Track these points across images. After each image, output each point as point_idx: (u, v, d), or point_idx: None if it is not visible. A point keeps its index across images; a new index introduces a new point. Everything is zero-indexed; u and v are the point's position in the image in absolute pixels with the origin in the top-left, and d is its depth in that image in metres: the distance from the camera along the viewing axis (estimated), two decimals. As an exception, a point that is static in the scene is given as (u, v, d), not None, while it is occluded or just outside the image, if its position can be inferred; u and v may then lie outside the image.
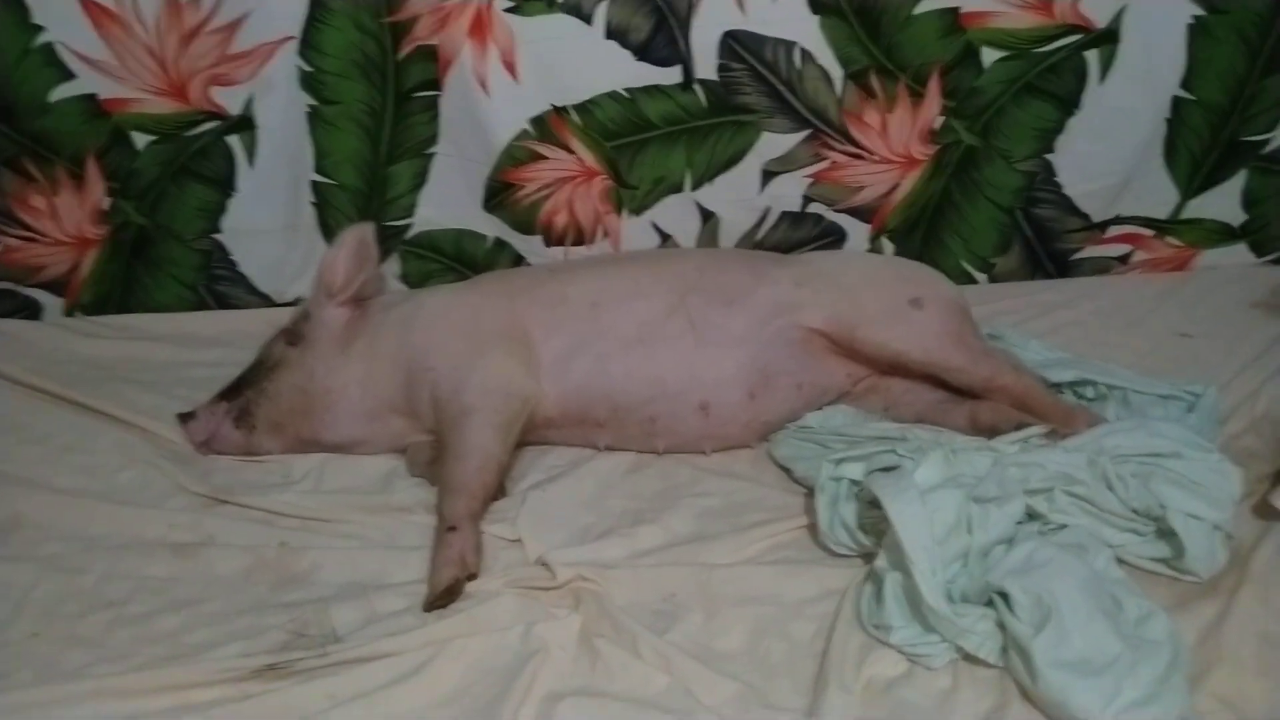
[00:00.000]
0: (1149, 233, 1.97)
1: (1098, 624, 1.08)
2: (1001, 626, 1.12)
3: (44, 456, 1.60)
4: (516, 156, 1.89)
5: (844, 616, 1.20)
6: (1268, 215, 1.95)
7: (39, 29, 1.78)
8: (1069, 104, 1.86)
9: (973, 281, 2.00)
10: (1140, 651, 1.07)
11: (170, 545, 1.42)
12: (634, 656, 1.18)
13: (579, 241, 1.97)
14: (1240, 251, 1.99)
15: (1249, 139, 1.89)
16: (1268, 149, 1.90)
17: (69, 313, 2.02)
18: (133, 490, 1.53)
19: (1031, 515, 1.25)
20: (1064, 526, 1.24)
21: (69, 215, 1.94)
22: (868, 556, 1.28)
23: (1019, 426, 1.42)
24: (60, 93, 1.83)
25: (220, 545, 1.42)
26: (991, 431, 1.45)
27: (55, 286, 2.00)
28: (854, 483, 1.31)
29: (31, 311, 2.01)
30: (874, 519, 1.25)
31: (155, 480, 1.55)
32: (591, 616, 1.24)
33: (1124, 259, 1.99)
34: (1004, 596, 1.13)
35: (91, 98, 1.84)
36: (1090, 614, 1.09)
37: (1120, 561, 1.22)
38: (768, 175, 1.92)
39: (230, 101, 1.86)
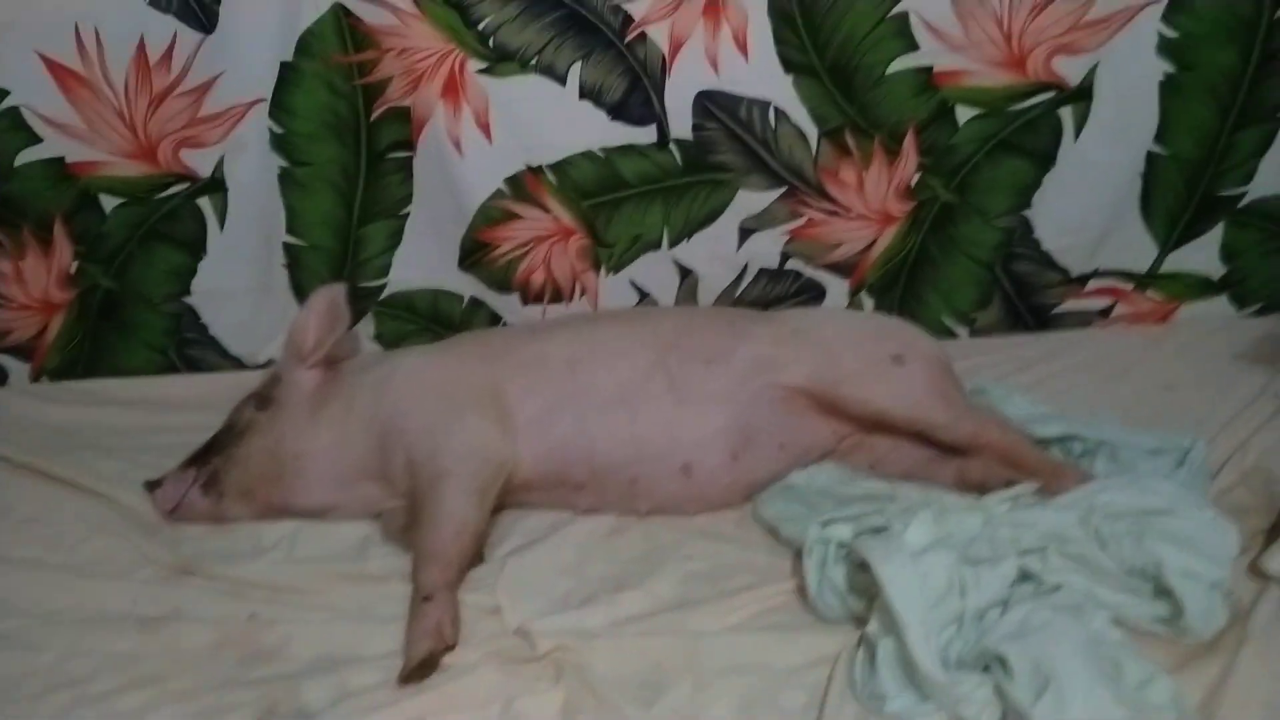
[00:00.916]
0: (1129, 286, 1.97)
1: (1098, 690, 1.05)
2: (1000, 693, 1.08)
3: (3, 529, 1.55)
4: (491, 216, 1.87)
5: (836, 686, 1.16)
6: (1246, 269, 1.95)
7: (4, 93, 1.76)
8: (1044, 160, 1.87)
9: (953, 336, 1.98)
10: (1143, 716, 1.04)
11: (136, 619, 1.37)
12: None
13: (556, 299, 1.95)
14: (1221, 304, 1.99)
15: (1225, 194, 1.90)
16: (1244, 203, 1.90)
17: (35, 378, 1.97)
18: (97, 562, 1.48)
19: (1025, 576, 1.22)
20: (1059, 587, 1.21)
21: (35, 279, 1.90)
22: (859, 620, 1.25)
23: (1008, 483, 1.40)
24: (26, 156, 1.80)
25: (187, 619, 1.37)
26: (980, 488, 1.42)
27: (21, 352, 1.96)
28: (842, 545, 1.28)
29: (-3, 378, 1.97)
30: (864, 582, 1.22)
31: (120, 551, 1.50)
32: (574, 689, 1.19)
33: (1105, 312, 1.99)
34: (1001, 662, 1.09)
35: (59, 161, 1.81)
36: (1090, 679, 1.05)
37: (1117, 622, 1.19)
38: (745, 232, 1.91)
39: (201, 164, 1.84)
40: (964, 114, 1.85)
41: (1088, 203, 1.90)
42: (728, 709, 1.17)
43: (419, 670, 1.23)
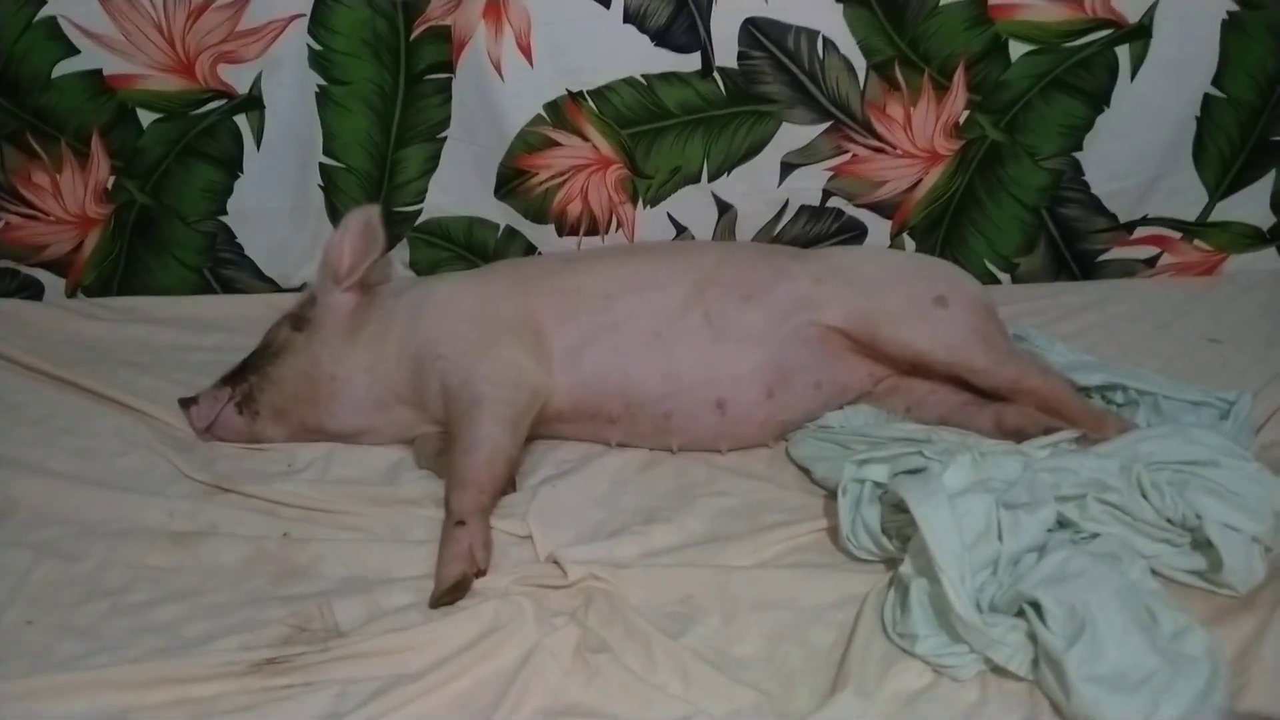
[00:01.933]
0: (1176, 235, 1.92)
1: (1134, 638, 1.04)
2: (1032, 638, 1.08)
3: (40, 438, 1.56)
4: (530, 143, 1.84)
5: (865, 623, 1.16)
6: (1296, 219, 1.91)
7: (42, 2, 1.74)
8: (1098, 100, 1.81)
9: (995, 281, 1.95)
10: (1178, 667, 1.03)
11: (170, 534, 1.39)
12: (643, 667, 1.14)
13: (592, 231, 1.92)
14: (1269, 256, 1.94)
15: (1278, 139, 1.84)
16: (1296, 149, 1.86)
17: (70, 294, 1.98)
18: (132, 476, 1.50)
19: (1062, 523, 1.21)
20: (1096, 535, 1.20)
21: (72, 193, 1.90)
22: (890, 562, 1.25)
23: (1048, 431, 1.38)
24: (64, 68, 1.79)
25: (222, 535, 1.38)
26: (1018, 435, 1.41)
27: (57, 266, 1.96)
28: (877, 485, 1.27)
29: (33, 291, 1.97)
30: (898, 523, 1.21)
31: (155, 466, 1.51)
32: (603, 617, 1.20)
33: (1150, 262, 1.95)
34: (1035, 607, 1.08)
35: (96, 73, 1.80)
36: (1126, 627, 1.05)
37: (1154, 573, 1.18)
38: (787, 168, 1.87)
39: (238, 80, 1.82)
40: (1017, 50, 1.80)
41: (1140, 146, 1.85)
42: (756, 643, 1.18)
43: (450, 593, 1.24)
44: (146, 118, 1.84)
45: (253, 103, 1.83)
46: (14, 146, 1.85)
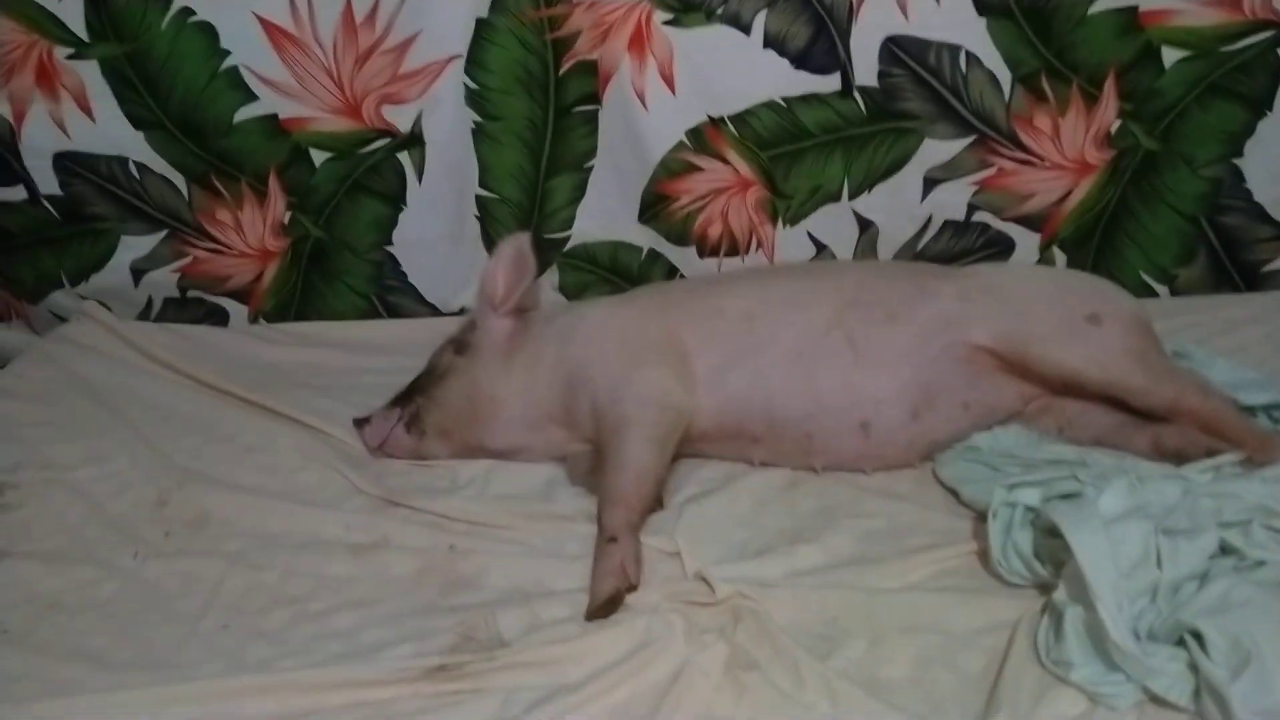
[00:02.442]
0: (1347, 242, 1.82)
1: (1303, 672, 1.01)
2: (1194, 668, 1.06)
3: (229, 456, 1.69)
4: (672, 169, 1.90)
5: (1018, 649, 1.15)
6: None
7: (225, 53, 1.89)
8: (1259, 105, 1.74)
9: (1153, 294, 1.89)
10: (1350, 704, 0.99)
11: (347, 545, 1.48)
12: (791, 686, 1.16)
13: (733, 252, 1.96)
14: None
15: None
16: None
17: (253, 319, 2.13)
18: (311, 490, 1.61)
19: (1225, 550, 1.17)
20: (1262, 563, 1.15)
21: (252, 229, 2.05)
22: (1043, 587, 1.23)
23: (1209, 453, 1.33)
24: (244, 113, 1.93)
25: (394, 547, 1.47)
26: (1178, 457, 1.37)
27: (240, 295, 2.12)
28: (1029, 509, 1.26)
29: (219, 318, 2.14)
30: (1052, 548, 1.20)
31: (332, 481, 1.62)
32: (751, 636, 1.23)
33: (1319, 272, 1.85)
34: (1197, 636, 1.06)
35: (273, 117, 1.93)
36: (1294, 660, 1.01)
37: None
38: (930, 183, 1.86)
39: (400, 119, 1.93)
40: (1170, 56, 1.75)
41: (1306, 151, 1.76)
42: (904, 666, 1.18)
43: (605, 607, 1.29)
44: (319, 157, 1.97)
45: (414, 140, 1.94)
46: (200, 187, 2.01)
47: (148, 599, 1.41)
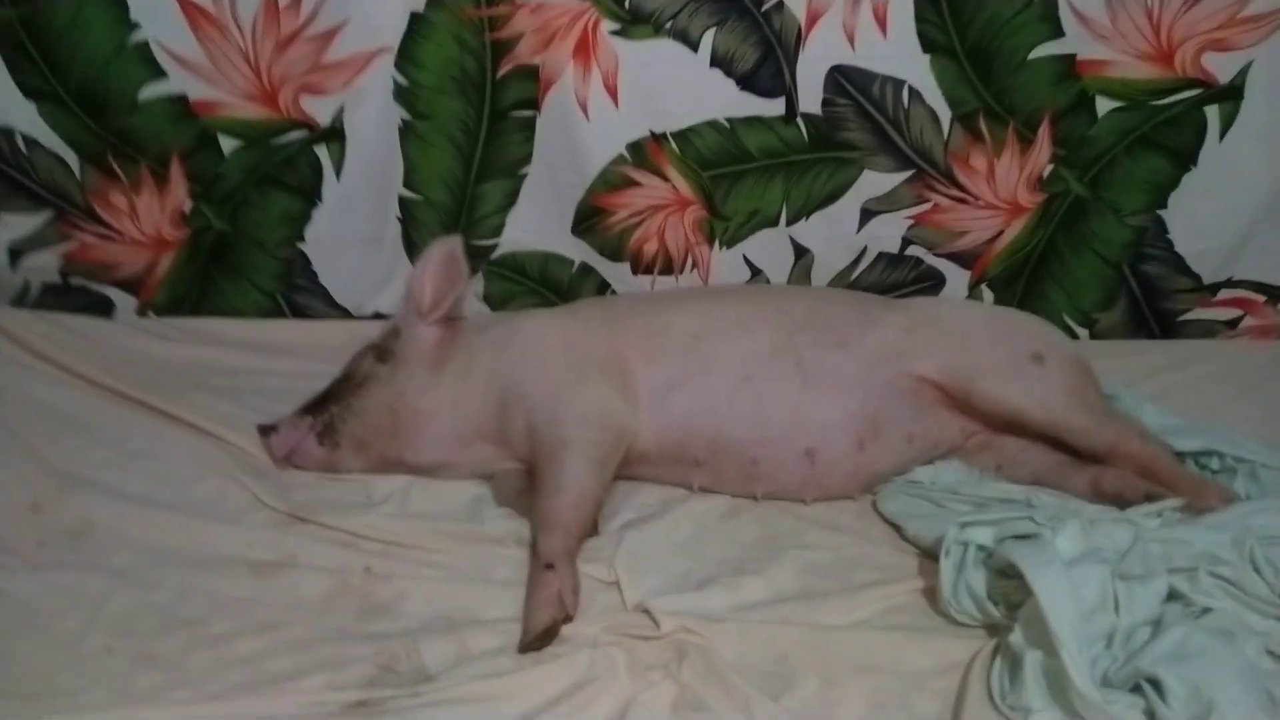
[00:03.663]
0: (1260, 298, 1.90)
1: (1259, 720, 1.01)
2: (1150, 715, 1.05)
3: (114, 461, 1.54)
4: (611, 181, 1.84)
5: (973, 693, 1.13)
6: (1381, 289, 1.88)
7: (135, 25, 1.74)
8: (1185, 159, 1.80)
9: (1074, 337, 1.93)
10: (1304, 754, 1.00)
11: (250, 563, 1.37)
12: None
13: (667, 271, 1.92)
14: (1353, 323, 1.92)
15: (1373, 207, 1.82)
16: (1385, 220, 1.83)
17: (141, 313, 1.97)
18: (208, 502, 1.48)
19: (1172, 595, 1.18)
20: (1208, 610, 1.16)
21: (149, 215, 1.89)
22: (992, 628, 1.21)
23: (1149, 496, 1.35)
24: (150, 92, 1.79)
25: (303, 567, 1.36)
26: (1117, 499, 1.38)
27: (129, 285, 1.95)
28: (981, 548, 1.24)
29: (103, 309, 1.96)
30: (1005, 589, 1.18)
31: (232, 493, 1.50)
32: (698, 674, 1.17)
33: (1233, 324, 1.92)
34: (1154, 684, 1.05)
35: (181, 99, 1.80)
36: (1251, 710, 1.01)
37: (1269, 651, 1.15)
38: (867, 214, 1.86)
39: (320, 111, 1.82)
40: (1104, 105, 1.79)
41: (1227, 207, 1.83)
42: (858, 708, 1.14)
43: (540, 639, 1.22)
44: (228, 144, 1.84)
45: (334, 134, 1.83)
46: (95, 167, 1.85)
47: (18, 618, 1.25)
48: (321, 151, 1.86)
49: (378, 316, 1.93)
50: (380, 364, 1.56)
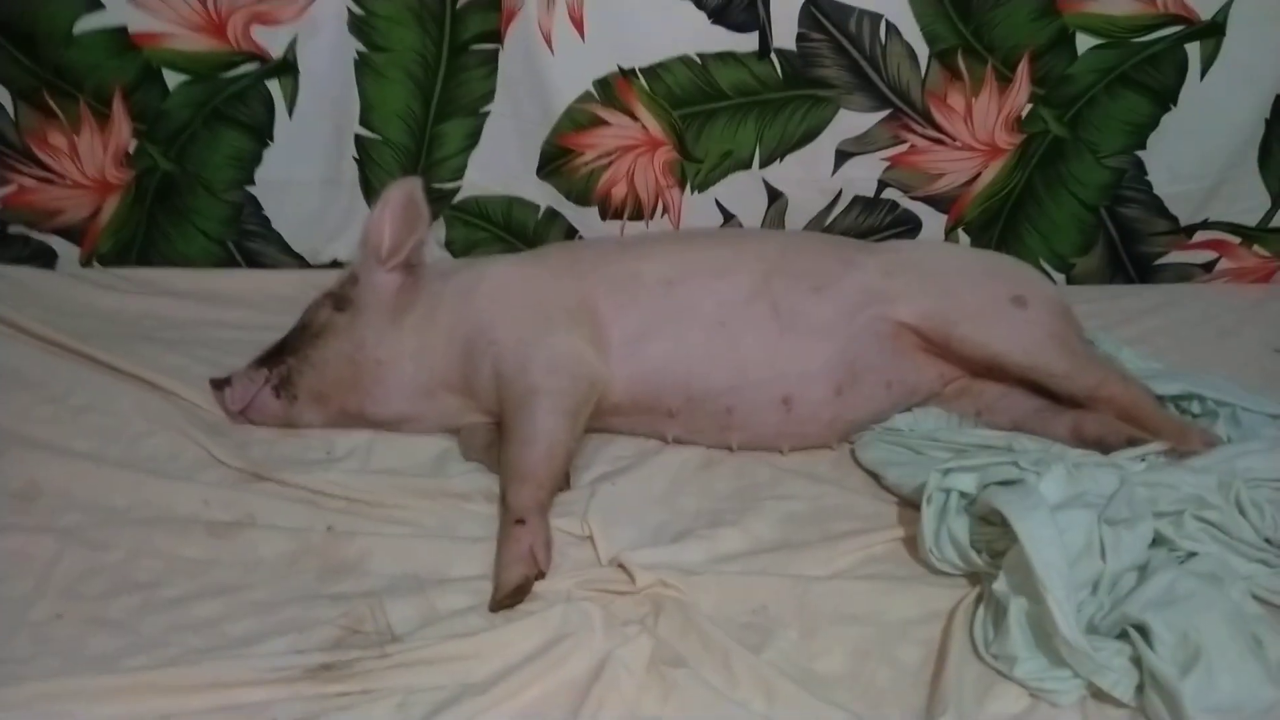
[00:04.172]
0: (1235, 240, 1.88)
1: (1248, 666, 0.99)
2: (1137, 662, 1.03)
3: (61, 416, 1.48)
4: (577, 120, 1.77)
5: (956, 642, 1.11)
6: (1356, 228, 1.87)
7: (66, -47, 1.65)
8: (1165, 98, 1.77)
9: (1050, 281, 1.90)
10: (1292, 698, 0.98)
11: (205, 523, 1.31)
12: (723, 682, 1.08)
13: (637, 215, 1.86)
14: (1327, 265, 1.91)
15: (1344, 144, 1.81)
16: (1362, 157, 1.81)
17: (85, 263, 1.88)
18: (160, 460, 1.42)
19: (1157, 540, 1.16)
20: (1193, 554, 1.15)
21: (90, 156, 1.80)
22: (973, 576, 1.19)
23: (1130, 441, 1.33)
24: (86, 24, 1.69)
25: (261, 526, 1.31)
26: (1098, 444, 1.36)
27: (71, 233, 1.86)
28: (963, 495, 1.21)
29: (45, 260, 1.87)
30: (989, 536, 1.16)
31: (184, 449, 1.44)
32: (676, 628, 1.14)
33: (1208, 267, 1.90)
34: (1141, 630, 1.03)
35: (121, 30, 1.70)
36: (1240, 654, 1.00)
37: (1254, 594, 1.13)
38: (842, 156, 1.81)
39: (272, 43, 1.73)
40: (1084, 43, 1.75)
41: (1207, 148, 1.81)
42: (840, 659, 1.12)
43: (511, 596, 1.18)
44: (173, 79, 1.75)
45: (286, 67, 1.75)
46: (30, 105, 1.75)
47: (-40, 583, 1.19)
48: (274, 86, 1.77)
49: (335, 264, 1.86)
50: (338, 313, 1.49)
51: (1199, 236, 1.87)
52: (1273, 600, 1.15)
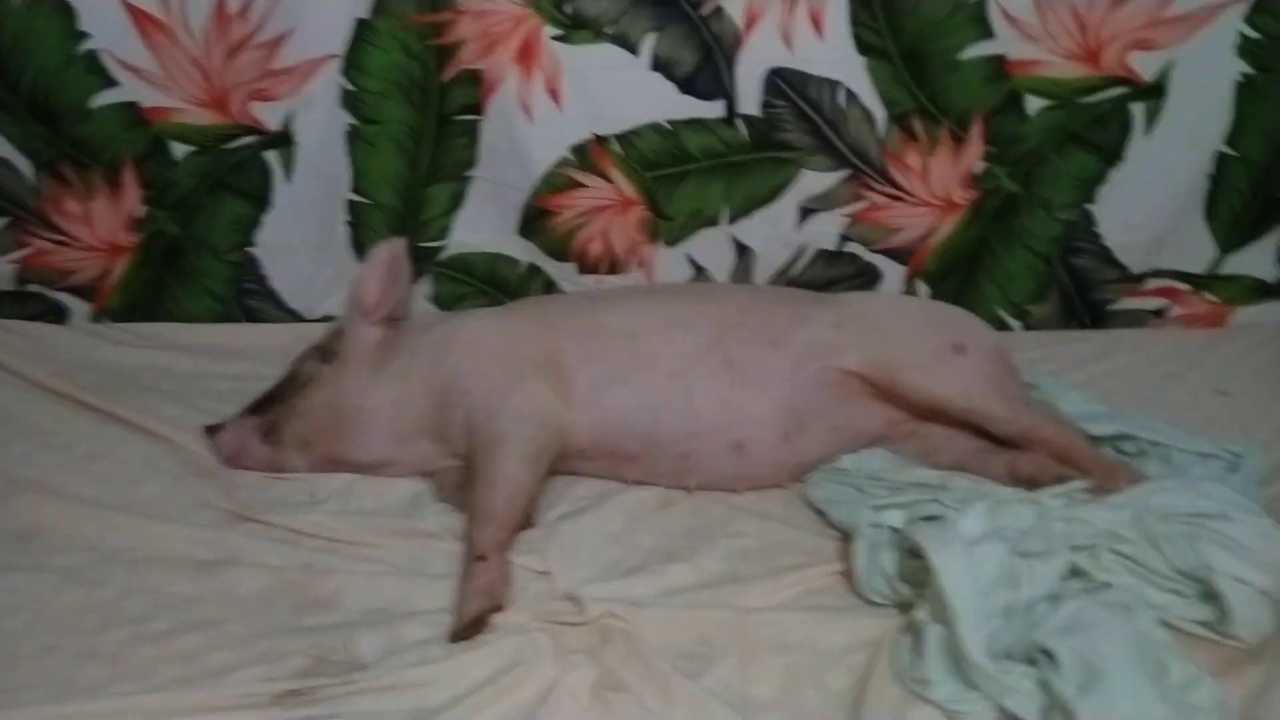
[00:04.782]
0: (1185, 287, 1.95)
1: (1145, 688, 1.05)
2: (1045, 686, 1.09)
3: (65, 464, 1.57)
4: (555, 183, 1.88)
5: (880, 668, 1.17)
6: (1301, 271, 1.93)
7: (84, 35, 1.78)
8: (1112, 155, 1.86)
9: (1007, 329, 1.98)
10: (1186, 718, 1.04)
11: (193, 562, 1.39)
12: (659, 706, 1.14)
13: (613, 270, 1.96)
14: (1275, 309, 1.96)
15: (1285, 196, 1.88)
16: (1302, 206, 1.89)
17: (96, 318, 2.00)
18: (156, 503, 1.51)
19: (1075, 572, 1.22)
20: (1108, 585, 1.21)
21: (103, 221, 1.93)
22: (904, 606, 1.26)
23: (1060, 479, 1.39)
24: (102, 99, 1.83)
25: (244, 564, 1.39)
26: (1031, 483, 1.42)
27: (83, 292, 1.99)
28: (894, 530, 1.29)
29: (58, 315, 2.00)
30: (914, 569, 1.23)
31: (179, 493, 1.53)
32: (620, 656, 1.21)
33: (1160, 313, 1.97)
34: (1048, 655, 1.10)
35: (133, 105, 1.84)
36: (1137, 677, 1.06)
37: (1164, 623, 1.19)
38: (805, 213, 1.91)
39: (270, 117, 1.86)
40: (1034, 104, 1.84)
41: (1152, 201, 1.89)
42: (773, 685, 1.18)
43: (470, 628, 1.25)
44: (180, 150, 1.88)
45: (283, 139, 1.87)
46: (49, 174, 1.88)
47: (-38, 618, 1.28)
48: (272, 157, 1.90)
49: (328, 319, 1.96)
50: (323, 364, 1.60)
51: (1150, 284, 1.95)
52: (1185, 628, 1.21)
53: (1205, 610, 1.22)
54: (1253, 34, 1.75)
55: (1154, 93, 1.81)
